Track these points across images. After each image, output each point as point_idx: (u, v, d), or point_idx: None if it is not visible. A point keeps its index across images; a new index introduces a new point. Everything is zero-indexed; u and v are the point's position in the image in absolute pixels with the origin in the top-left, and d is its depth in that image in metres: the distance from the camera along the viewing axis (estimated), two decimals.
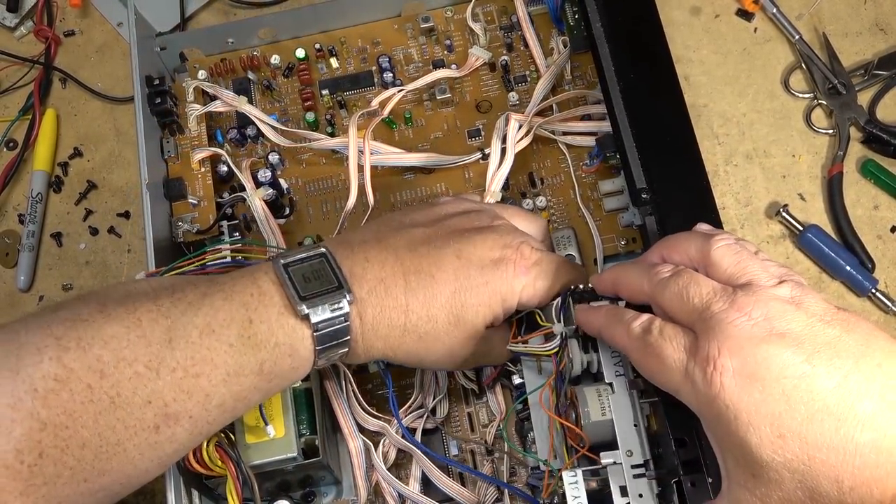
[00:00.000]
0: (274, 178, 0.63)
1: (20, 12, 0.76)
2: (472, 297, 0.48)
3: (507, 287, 0.49)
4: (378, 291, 0.47)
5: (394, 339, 0.48)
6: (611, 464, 0.48)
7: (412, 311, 0.47)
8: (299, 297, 0.44)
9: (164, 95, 0.64)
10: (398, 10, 0.70)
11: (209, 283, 0.44)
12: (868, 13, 0.71)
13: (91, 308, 0.42)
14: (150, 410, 0.40)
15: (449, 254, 0.49)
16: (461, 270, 0.48)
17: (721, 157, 0.67)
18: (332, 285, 0.45)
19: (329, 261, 0.46)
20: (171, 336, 0.41)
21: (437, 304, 0.48)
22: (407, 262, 0.48)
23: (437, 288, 0.48)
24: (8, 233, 0.70)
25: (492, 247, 0.50)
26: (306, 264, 0.46)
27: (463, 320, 0.48)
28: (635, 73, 0.57)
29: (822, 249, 0.63)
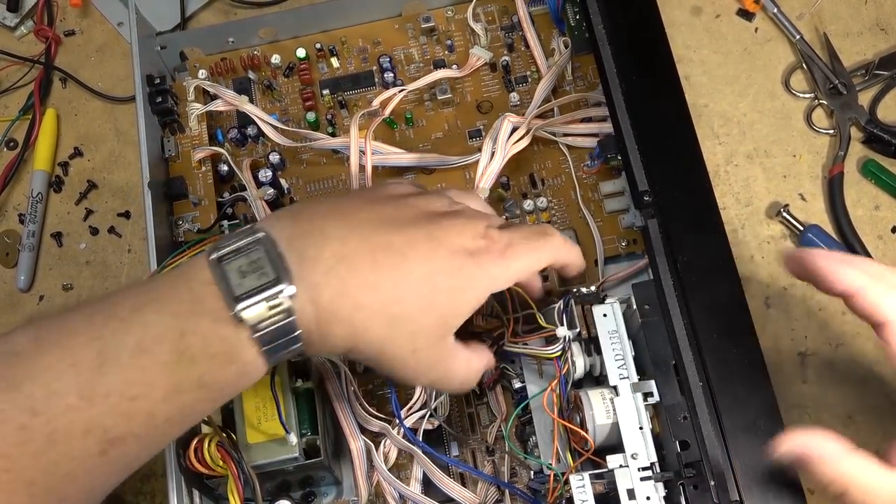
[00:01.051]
0: (274, 178, 0.63)
1: (20, 12, 0.76)
2: (444, 281, 0.44)
3: (483, 274, 0.45)
4: (339, 271, 0.41)
5: (359, 322, 0.42)
6: (617, 467, 0.48)
7: (382, 289, 0.42)
8: (232, 299, 0.39)
9: (165, 95, 0.64)
10: (399, 10, 0.70)
11: (145, 291, 0.41)
12: (869, 13, 0.71)
13: (28, 338, 0.39)
14: (92, 439, 0.38)
15: (421, 235, 0.44)
16: (434, 251, 0.44)
17: (722, 157, 0.67)
18: (270, 279, 0.40)
19: (268, 248, 0.41)
20: (101, 360, 0.38)
21: (408, 285, 0.43)
22: (374, 238, 0.43)
23: (410, 266, 0.43)
24: (8, 233, 0.70)
25: (461, 232, 0.45)
26: (242, 255, 0.40)
27: (434, 305, 0.44)
28: (637, 73, 0.57)
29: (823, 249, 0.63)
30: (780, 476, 0.46)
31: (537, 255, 0.48)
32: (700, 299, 0.51)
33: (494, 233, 0.47)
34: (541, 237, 0.49)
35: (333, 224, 0.43)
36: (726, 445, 0.47)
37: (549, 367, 0.53)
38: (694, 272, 0.51)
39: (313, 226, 0.43)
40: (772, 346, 0.61)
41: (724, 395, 0.48)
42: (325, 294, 0.41)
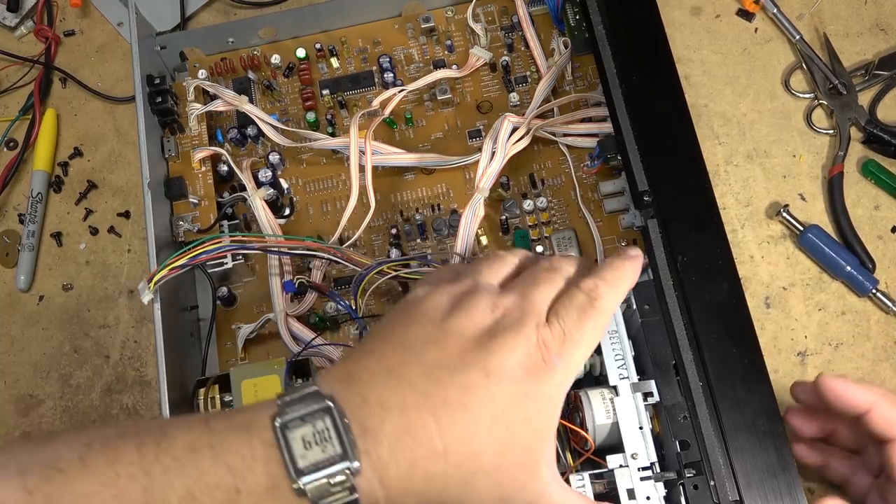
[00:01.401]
0: (274, 178, 0.63)
1: (20, 12, 0.76)
2: (516, 414, 0.41)
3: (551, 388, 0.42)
4: (404, 443, 0.39)
5: (433, 492, 0.40)
6: (617, 467, 0.48)
7: (452, 452, 0.39)
8: (295, 471, 0.37)
9: (165, 95, 0.64)
10: (399, 10, 0.70)
11: (201, 432, 0.39)
12: (869, 13, 0.71)
13: (72, 453, 0.38)
14: None
15: (475, 375, 0.41)
16: (494, 388, 0.41)
17: (721, 158, 0.67)
18: (336, 453, 0.38)
19: (335, 419, 0.38)
20: (147, 499, 0.37)
21: (479, 436, 0.40)
22: (431, 396, 0.40)
23: (475, 417, 0.40)
24: (8, 233, 0.70)
25: (514, 351, 0.42)
26: (308, 424, 0.38)
27: (513, 444, 0.41)
28: (637, 73, 0.57)
29: (823, 249, 0.63)
30: (780, 476, 0.46)
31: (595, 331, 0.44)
32: (700, 299, 0.51)
33: (546, 333, 0.43)
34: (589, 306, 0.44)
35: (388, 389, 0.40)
36: (726, 445, 0.47)
37: None
38: (694, 272, 0.51)
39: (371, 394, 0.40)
40: (772, 346, 0.61)
41: (724, 395, 0.48)
42: (392, 472, 0.39)
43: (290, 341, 0.59)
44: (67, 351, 0.66)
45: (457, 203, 0.65)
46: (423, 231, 0.64)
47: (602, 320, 0.44)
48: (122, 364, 0.65)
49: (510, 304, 0.44)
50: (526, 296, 0.44)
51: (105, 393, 0.64)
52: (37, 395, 0.65)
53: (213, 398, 0.54)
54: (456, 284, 0.45)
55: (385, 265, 0.57)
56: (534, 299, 0.44)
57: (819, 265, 0.64)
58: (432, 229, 0.64)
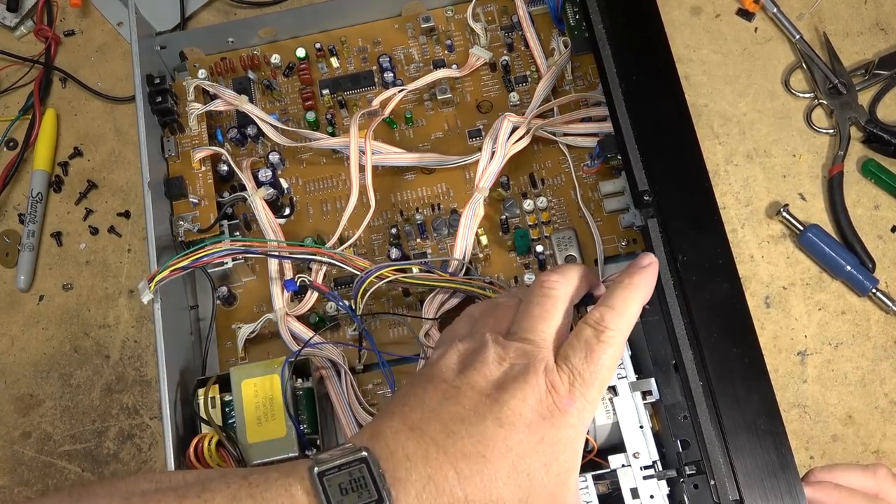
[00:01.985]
0: (274, 178, 0.63)
1: (20, 12, 0.76)
2: (534, 459, 0.42)
3: (567, 430, 0.44)
4: (428, 491, 0.41)
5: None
6: (620, 466, 0.48)
7: (472, 500, 0.41)
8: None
9: (165, 94, 0.64)
10: (399, 10, 0.70)
11: (240, 485, 0.40)
12: (869, 13, 0.71)
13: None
14: None
15: (490, 426, 0.43)
16: (510, 438, 0.42)
17: (721, 157, 0.67)
18: (373, 499, 0.40)
19: (370, 468, 0.41)
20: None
21: (498, 485, 0.41)
22: (450, 448, 0.42)
23: (494, 466, 0.42)
24: (8, 232, 0.70)
25: (525, 400, 0.43)
26: (344, 472, 0.41)
27: (536, 488, 0.43)
28: (637, 73, 0.57)
29: (823, 249, 0.63)
30: (780, 475, 0.46)
31: (608, 365, 0.45)
32: (700, 299, 0.51)
33: (554, 378, 0.44)
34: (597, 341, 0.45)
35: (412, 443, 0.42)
36: (726, 445, 0.47)
37: None
38: (694, 272, 0.51)
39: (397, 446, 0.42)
40: (772, 345, 0.61)
41: (724, 394, 0.48)
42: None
43: (291, 341, 0.59)
44: (67, 351, 0.66)
45: (457, 203, 0.65)
46: (423, 231, 0.64)
47: (613, 352, 0.45)
48: (122, 364, 0.65)
49: (515, 352, 0.45)
50: (528, 339, 0.46)
51: (105, 393, 0.64)
52: (37, 394, 0.65)
53: (213, 398, 0.54)
54: (465, 342, 0.47)
55: (384, 269, 0.57)
56: (536, 341, 0.45)
57: (819, 265, 0.64)
58: (432, 229, 0.64)
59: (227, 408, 0.53)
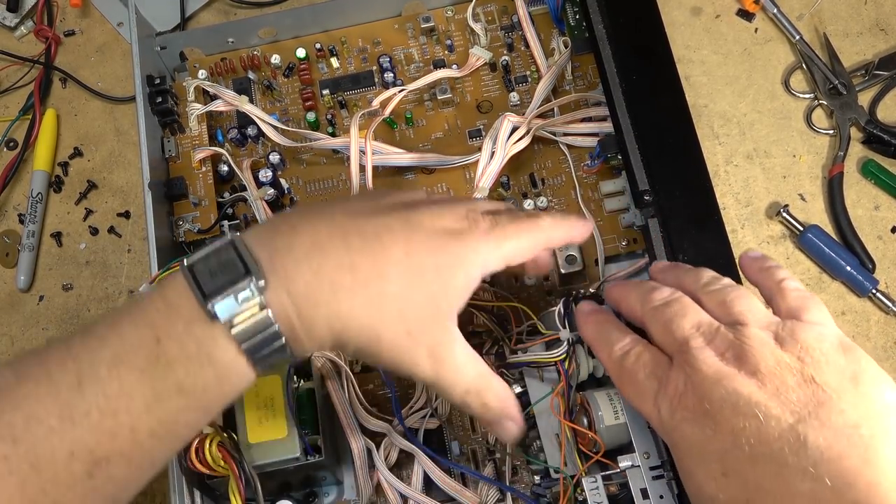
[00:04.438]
0: (275, 178, 0.63)
1: (20, 12, 0.76)
2: (428, 258, 0.42)
3: (472, 255, 0.43)
4: (312, 256, 0.40)
5: (339, 304, 0.40)
6: (629, 467, 0.48)
7: (359, 268, 0.40)
8: (203, 296, 0.38)
9: (165, 95, 0.64)
10: (399, 10, 0.70)
11: (122, 309, 0.40)
12: (869, 13, 0.71)
13: (7, 372, 0.38)
14: (77, 462, 0.37)
15: (396, 220, 0.42)
16: (412, 233, 0.42)
17: (721, 158, 0.67)
18: (240, 273, 0.39)
19: (237, 247, 0.40)
20: (79, 378, 0.37)
21: (388, 263, 0.41)
22: (346, 224, 0.42)
23: (386, 248, 0.41)
24: (8, 233, 0.70)
25: (440, 216, 0.44)
26: (212, 259, 0.39)
27: (421, 281, 0.42)
28: (637, 73, 0.58)
29: (823, 250, 0.63)
30: None
31: (529, 236, 0.46)
32: None
33: (476, 215, 0.45)
34: (529, 219, 0.47)
35: (304, 220, 0.42)
36: None
37: (549, 372, 0.53)
38: None
39: (284, 224, 0.42)
40: None
41: None
42: (299, 283, 0.40)
43: None
44: None
45: None
46: None
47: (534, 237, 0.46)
48: None
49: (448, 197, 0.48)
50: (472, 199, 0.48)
51: None
52: None
53: None
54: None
55: None
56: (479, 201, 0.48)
57: (819, 265, 0.64)
58: None
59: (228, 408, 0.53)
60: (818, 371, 0.38)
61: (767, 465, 0.36)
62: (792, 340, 0.39)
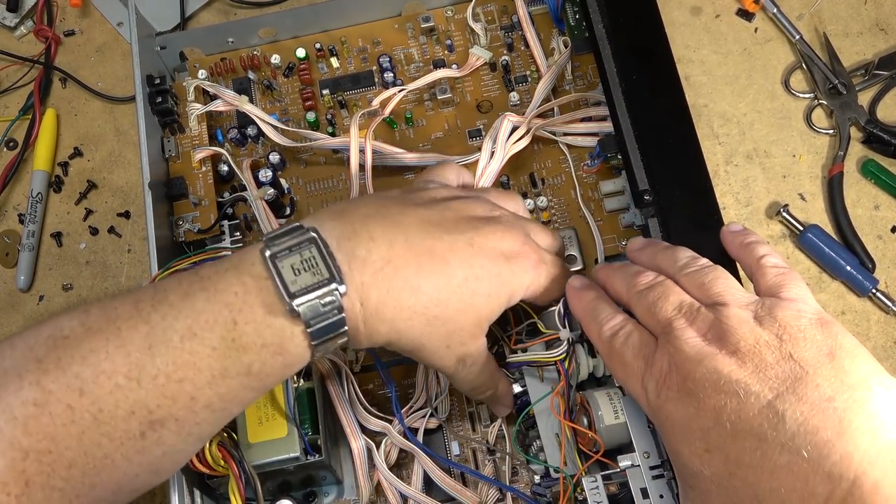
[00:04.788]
0: (274, 178, 0.63)
1: (20, 12, 0.76)
2: (483, 285, 0.46)
3: (517, 281, 0.48)
4: (386, 272, 0.43)
5: (401, 322, 0.44)
6: (629, 466, 0.48)
7: (423, 292, 0.44)
8: (288, 295, 0.40)
9: (165, 95, 0.64)
10: (399, 10, 0.70)
11: (193, 280, 0.42)
12: (868, 13, 0.71)
13: (74, 322, 0.40)
14: (135, 420, 0.39)
15: (462, 241, 0.46)
16: (475, 259, 0.46)
17: (721, 157, 0.67)
18: (324, 277, 0.41)
19: (320, 247, 0.42)
20: (151, 342, 0.39)
21: (449, 289, 0.45)
22: (418, 243, 0.45)
23: (450, 272, 0.45)
24: (8, 233, 0.70)
25: (502, 239, 0.48)
26: (295, 253, 0.42)
27: (472, 307, 0.46)
28: (637, 73, 0.58)
29: (823, 249, 0.63)
30: None
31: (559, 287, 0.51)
32: None
33: (532, 244, 0.49)
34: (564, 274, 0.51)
35: (381, 227, 0.44)
36: None
37: (549, 372, 0.54)
38: None
39: (363, 229, 0.44)
40: None
41: None
42: (372, 295, 0.43)
43: None
44: None
45: None
46: None
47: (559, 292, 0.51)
48: None
49: (508, 213, 0.50)
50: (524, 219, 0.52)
51: None
52: None
53: None
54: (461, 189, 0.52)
55: None
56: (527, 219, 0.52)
57: (819, 265, 0.64)
58: None
59: None
60: (796, 348, 0.39)
61: (748, 441, 0.37)
62: (770, 319, 0.41)
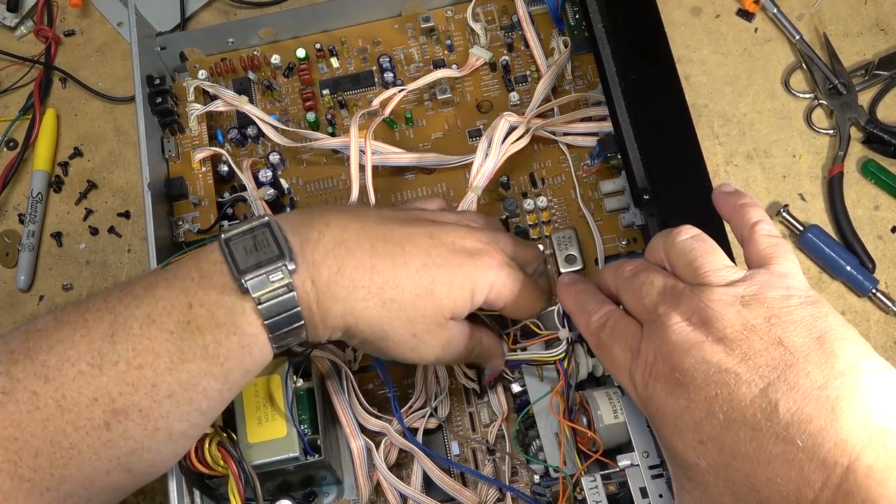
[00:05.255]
0: (274, 178, 0.63)
1: (20, 12, 0.76)
2: (443, 273, 0.46)
3: (480, 276, 0.47)
4: (338, 252, 0.44)
5: (355, 302, 0.44)
6: (628, 466, 0.48)
7: (378, 272, 0.45)
8: (238, 271, 0.42)
9: (165, 95, 0.64)
10: (399, 10, 0.70)
11: (158, 273, 0.44)
12: (868, 13, 0.71)
13: (48, 318, 0.42)
14: (98, 408, 0.40)
15: (421, 232, 0.47)
16: (433, 248, 0.46)
17: (721, 158, 0.67)
18: (274, 254, 0.43)
19: (273, 229, 0.44)
20: (113, 330, 0.41)
21: (405, 272, 0.45)
22: (374, 229, 0.46)
23: (407, 258, 0.45)
24: (8, 233, 0.70)
25: (464, 237, 0.48)
26: (248, 237, 0.43)
27: (432, 294, 0.46)
28: (637, 73, 0.57)
29: (823, 249, 0.63)
30: None
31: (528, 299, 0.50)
32: None
33: (497, 246, 0.49)
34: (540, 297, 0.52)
35: (337, 216, 0.46)
36: None
37: (548, 371, 0.54)
38: None
39: (318, 218, 0.46)
40: None
41: None
42: (322, 272, 0.44)
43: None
44: None
45: (457, 203, 0.64)
46: None
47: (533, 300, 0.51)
48: None
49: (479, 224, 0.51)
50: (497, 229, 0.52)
51: None
52: None
53: None
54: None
55: None
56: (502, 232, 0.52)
57: (819, 265, 0.64)
58: None
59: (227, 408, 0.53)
60: (785, 332, 0.38)
61: (742, 431, 0.37)
62: (758, 301, 0.39)
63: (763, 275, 0.41)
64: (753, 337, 0.38)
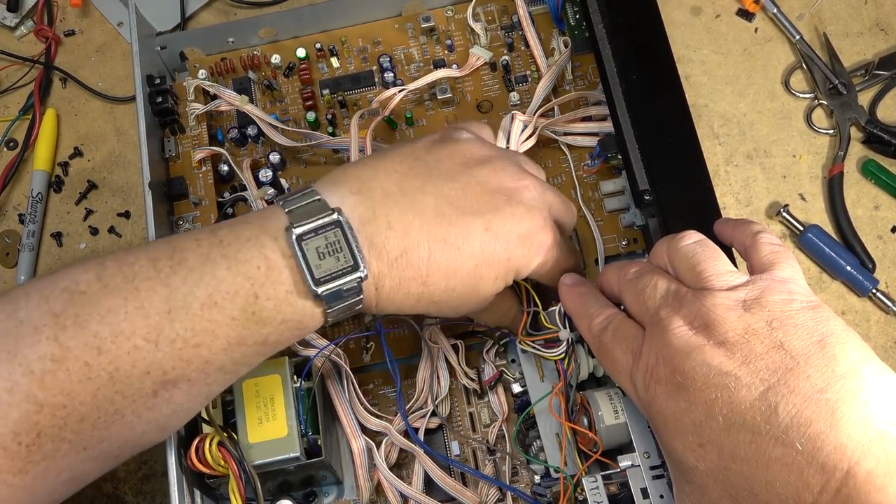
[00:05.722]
0: (274, 178, 0.63)
1: (20, 12, 0.76)
2: (491, 271, 0.47)
3: (525, 263, 0.48)
4: (400, 263, 0.45)
5: (408, 306, 0.47)
6: (629, 466, 0.48)
7: (431, 282, 0.46)
8: (314, 281, 0.42)
9: (165, 95, 0.64)
10: (399, 10, 0.70)
11: (212, 243, 0.42)
12: (869, 13, 0.71)
13: (90, 276, 0.41)
14: (149, 380, 0.40)
15: (479, 224, 0.46)
16: (488, 245, 0.46)
17: (721, 157, 0.67)
18: (349, 265, 0.43)
19: (345, 231, 0.43)
20: (170, 307, 0.40)
21: (457, 278, 0.46)
22: (433, 229, 0.45)
23: (461, 261, 0.46)
24: (8, 233, 0.70)
25: (521, 220, 0.47)
26: (320, 236, 0.43)
27: (478, 291, 0.47)
28: (637, 73, 0.57)
29: (823, 249, 0.63)
30: None
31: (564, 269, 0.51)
32: None
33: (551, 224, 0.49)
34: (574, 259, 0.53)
35: (398, 210, 0.45)
36: None
37: (549, 371, 0.54)
38: None
39: (381, 210, 0.45)
40: None
41: None
42: (386, 284, 0.45)
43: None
44: None
45: None
46: None
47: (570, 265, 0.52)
48: None
49: (534, 181, 0.49)
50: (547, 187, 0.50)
51: None
52: None
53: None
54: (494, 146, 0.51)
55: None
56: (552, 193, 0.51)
57: (819, 265, 0.64)
58: None
59: (227, 408, 0.53)
60: (786, 336, 0.38)
61: (741, 434, 0.37)
62: (759, 304, 0.39)
63: (765, 279, 0.41)
64: (754, 340, 0.38)
